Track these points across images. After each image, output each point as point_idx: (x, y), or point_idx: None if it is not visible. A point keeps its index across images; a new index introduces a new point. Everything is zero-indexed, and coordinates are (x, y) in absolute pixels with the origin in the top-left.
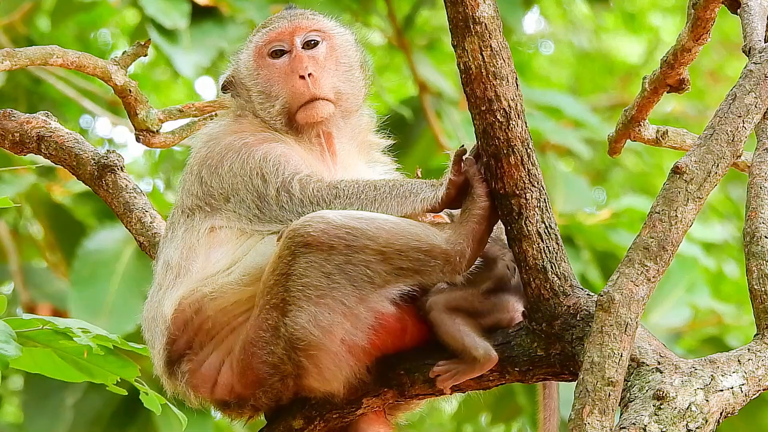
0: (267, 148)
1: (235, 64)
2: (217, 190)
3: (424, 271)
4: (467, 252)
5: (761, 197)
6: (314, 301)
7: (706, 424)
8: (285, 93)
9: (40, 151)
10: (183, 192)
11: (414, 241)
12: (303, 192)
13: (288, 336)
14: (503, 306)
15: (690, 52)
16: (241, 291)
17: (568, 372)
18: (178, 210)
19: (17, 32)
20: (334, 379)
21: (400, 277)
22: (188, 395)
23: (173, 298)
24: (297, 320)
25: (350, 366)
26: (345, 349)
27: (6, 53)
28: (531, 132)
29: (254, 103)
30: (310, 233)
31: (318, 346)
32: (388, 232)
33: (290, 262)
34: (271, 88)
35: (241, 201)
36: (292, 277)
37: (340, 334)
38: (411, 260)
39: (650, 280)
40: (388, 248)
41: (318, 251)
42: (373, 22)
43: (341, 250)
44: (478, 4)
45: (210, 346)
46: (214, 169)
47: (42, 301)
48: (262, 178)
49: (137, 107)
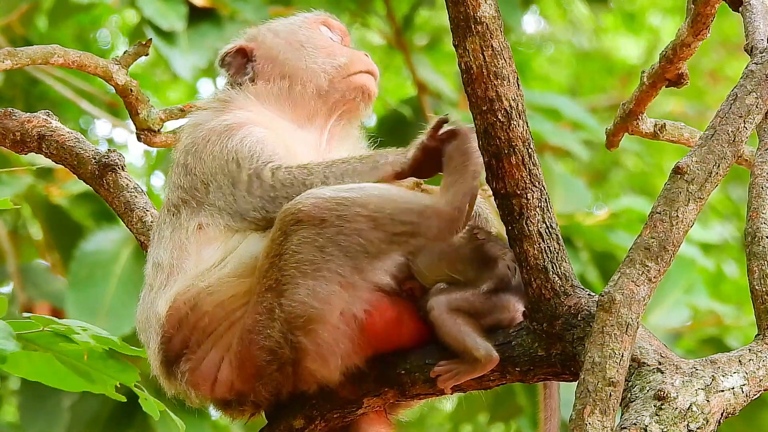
0: (245, 132)
1: (257, 34)
2: (200, 177)
3: (419, 233)
4: (465, 209)
5: (763, 197)
6: (311, 275)
7: (707, 425)
8: (346, 56)
9: (40, 150)
10: (169, 187)
11: (405, 204)
12: (274, 177)
13: (284, 317)
14: (504, 306)
15: (689, 47)
16: (238, 283)
17: (569, 372)
18: (164, 209)
19: (15, 33)
20: (332, 356)
21: (394, 244)
22: (189, 395)
23: (167, 296)
24: (294, 297)
25: (348, 342)
26: (343, 322)
27: (7, 52)
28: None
29: (287, 67)
30: (300, 209)
31: (317, 319)
32: (378, 197)
33: (282, 242)
34: (326, 51)
35: (219, 187)
36: (285, 256)
37: (339, 305)
38: (404, 224)
39: (651, 281)
40: (379, 213)
41: (310, 226)
42: (372, 22)
43: (333, 221)
44: (480, 4)
45: (208, 343)
46: (198, 154)
47: (40, 300)
48: (237, 163)
49: (138, 107)
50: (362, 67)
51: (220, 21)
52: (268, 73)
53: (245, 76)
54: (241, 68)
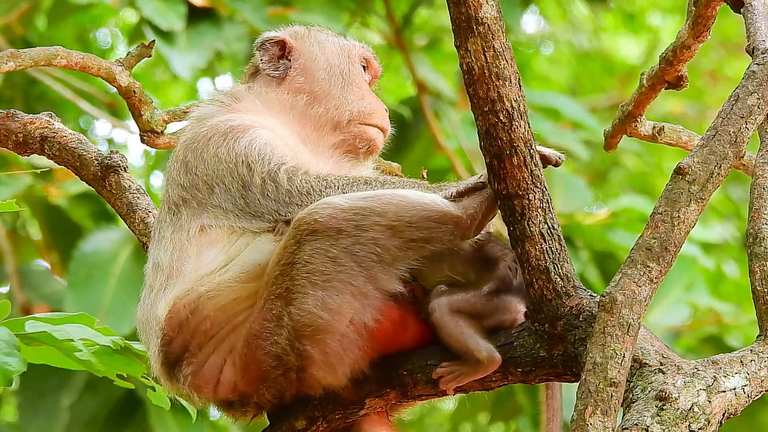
0: (253, 135)
1: (303, 35)
2: (201, 177)
3: (434, 238)
4: (479, 216)
5: (764, 198)
6: (321, 286)
7: (709, 425)
8: (372, 106)
9: (43, 152)
10: (169, 183)
11: (424, 211)
12: (290, 183)
13: (292, 325)
14: (506, 307)
15: (689, 49)
16: (240, 288)
17: (570, 373)
18: (164, 206)
19: (14, 33)
20: (340, 365)
21: (410, 250)
22: (191, 397)
23: (167, 299)
24: (303, 306)
25: (356, 351)
26: (353, 330)
27: (10, 54)
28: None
29: (318, 87)
30: (317, 220)
31: (326, 329)
32: (396, 206)
33: (295, 251)
34: (360, 92)
35: (226, 190)
36: (296, 265)
37: (349, 314)
38: (422, 230)
39: (653, 281)
40: (397, 221)
41: (325, 237)
42: (372, 21)
43: (350, 231)
44: (481, 4)
45: (210, 346)
46: (200, 153)
47: (38, 302)
48: (248, 167)
49: (142, 108)
50: (379, 122)
51: (219, 21)
52: (299, 82)
53: (276, 71)
54: (274, 59)
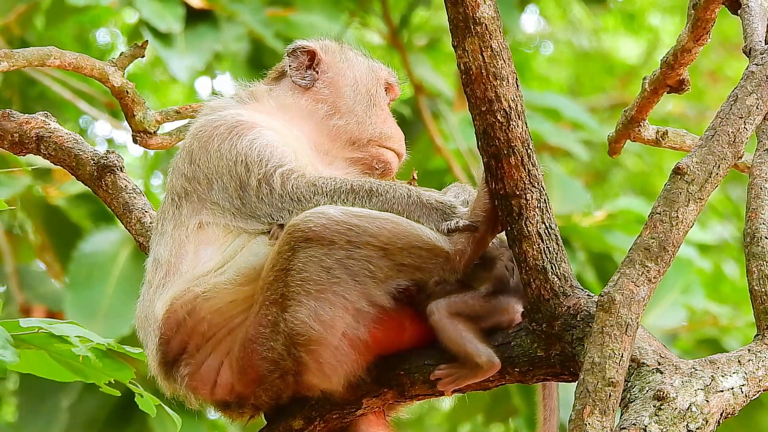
0: (256, 134)
1: (333, 49)
2: (203, 170)
3: (424, 268)
4: (467, 252)
5: (761, 198)
6: (314, 296)
7: (707, 425)
8: (392, 130)
9: (39, 152)
10: (174, 172)
11: (416, 241)
12: (283, 187)
13: (288, 331)
14: (503, 308)
15: (690, 52)
16: (236, 291)
17: (568, 372)
18: (168, 197)
19: (12, 33)
20: (334, 374)
21: (401, 273)
22: (188, 397)
23: (164, 298)
24: (297, 315)
25: (351, 361)
26: (346, 343)
27: (4, 54)
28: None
29: (342, 102)
30: (311, 228)
31: (318, 341)
32: (390, 231)
33: (290, 258)
34: (382, 115)
35: (224, 188)
36: (291, 272)
37: (342, 327)
38: (413, 257)
39: (651, 281)
40: (390, 246)
41: (318, 246)
42: (371, 21)
43: (342, 245)
44: (479, 4)
45: (207, 347)
46: (204, 143)
47: (37, 303)
48: (246, 167)
49: (134, 108)
50: (396, 147)
51: (217, 22)
52: (324, 95)
53: (303, 80)
54: (302, 68)
